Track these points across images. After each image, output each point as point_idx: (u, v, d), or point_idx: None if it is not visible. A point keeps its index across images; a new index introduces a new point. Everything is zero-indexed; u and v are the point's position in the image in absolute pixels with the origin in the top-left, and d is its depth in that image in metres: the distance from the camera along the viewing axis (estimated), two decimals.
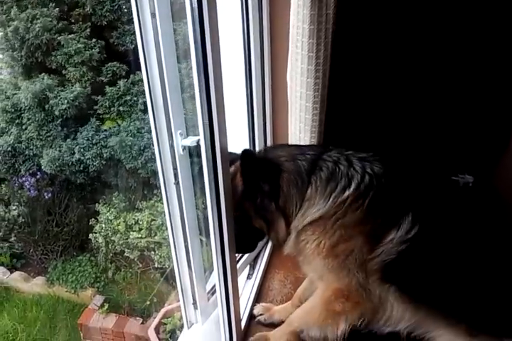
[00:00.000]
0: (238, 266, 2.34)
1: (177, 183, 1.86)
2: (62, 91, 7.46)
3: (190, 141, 1.78)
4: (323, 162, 1.84)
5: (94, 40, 7.65)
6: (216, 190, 1.63)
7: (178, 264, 2.11)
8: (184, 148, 1.80)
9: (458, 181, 2.69)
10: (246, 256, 2.70)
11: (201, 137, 1.55)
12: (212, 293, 2.29)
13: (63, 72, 7.69)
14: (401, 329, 1.94)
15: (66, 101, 7.31)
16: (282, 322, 2.24)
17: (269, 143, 2.72)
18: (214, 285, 2.11)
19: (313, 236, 1.82)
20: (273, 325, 2.28)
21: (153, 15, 1.52)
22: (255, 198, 1.87)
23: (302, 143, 2.32)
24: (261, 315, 2.37)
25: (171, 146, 1.78)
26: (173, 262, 2.12)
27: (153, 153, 1.90)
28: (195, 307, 2.23)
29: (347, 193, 1.75)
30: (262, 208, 1.87)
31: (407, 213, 1.74)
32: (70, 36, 7.50)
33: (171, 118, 1.72)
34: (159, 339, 6.00)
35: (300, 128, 2.30)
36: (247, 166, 1.83)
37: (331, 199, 1.77)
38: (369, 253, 1.77)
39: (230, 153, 1.75)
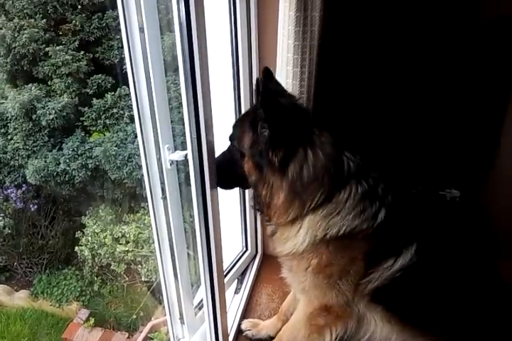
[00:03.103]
0: (226, 280, 2.33)
1: (164, 198, 1.85)
2: (49, 101, 7.43)
3: (178, 156, 1.77)
4: (366, 175, 1.73)
5: (82, 52, 7.65)
6: (204, 205, 1.63)
7: (165, 278, 2.09)
8: (172, 162, 1.79)
9: (445, 196, 2.70)
10: (234, 270, 2.69)
11: (189, 151, 1.54)
12: (200, 308, 2.26)
13: (49, 82, 7.68)
14: None
15: (54, 111, 7.28)
16: (270, 337, 2.25)
17: None
18: (201, 300, 2.09)
19: (318, 253, 1.73)
20: None
21: (141, 29, 1.52)
22: (259, 137, 1.63)
23: None
24: (249, 330, 2.35)
25: (159, 161, 1.77)
26: (160, 276, 2.10)
27: (137, 163, 1.89)
28: (182, 322, 2.21)
29: (372, 223, 1.68)
30: (259, 152, 1.64)
31: (412, 245, 1.72)
32: (58, 48, 7.49)
33: (158, 133, 1.72)
34: None
35: None
36: (268, 98, 1.57)
37: (358, 220, 1.67)
38: (363, 277, 1.76)
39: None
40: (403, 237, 1.74)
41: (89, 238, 7.49)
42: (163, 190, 1.83)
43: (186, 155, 1.66)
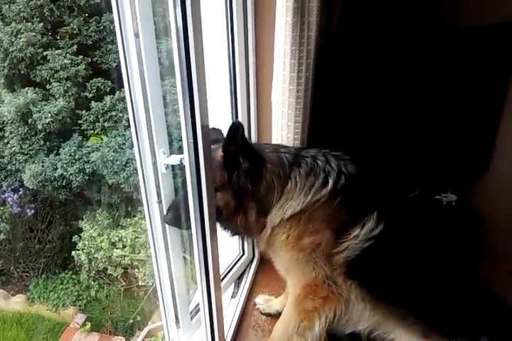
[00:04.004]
0: (222, 284, 2.33)
1: (160, 202, 1.85)
2: (45, 105, 7.42)
3: (173, 160, 1.78)
4: (302, 158, 1.92)
5: (80, 56, 7.65)
6: (200, 208, 1.63)
7: (161, 282, 2.09)
8: (167, 166, 1.80)
9: (441, 200, 2.71)
10: (231, 274, 2.69)
11: (185, 155, 1.55)
12: (196, 312, 2.26)
13: (47, 86, 7.67)
14: (361, 330, 2.03)
15: (50, 115, 7.27)
16: (278, 312, 2.38)
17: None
18: (198, 304, 2.08)
19: (285, 229, 1.88)
20: (269, 315, 2.51)
21: (136, 35, 1.54)
22: (232, 171, 1.84)
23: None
24: (261, 304, 2.55)
25: (154, 165, 1.78)
26: (156, 280, 2.10)
27: (135, 168, 1.91)
28: (178, 327, 2.20)
29: (324, 191, 1.84)
30: (238, 185, 1.85)
31: (372, 212, 1.84)
32: (56, 52, 7.49)
33: (154, 137, 1.73)
34: None
35: (282, 125, 2.32)
36: (235, 137, 1.79)
37: (310, 195, 1.84)
38: (334, 247, 1.85)
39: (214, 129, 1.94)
40: (362, 204, 1.87)
41: (86, 242, 7.47)
42: (158, 194, 1.84)
43: (182, 160, 1.71)
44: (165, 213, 1.88)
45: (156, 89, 1.68)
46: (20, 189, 7.85)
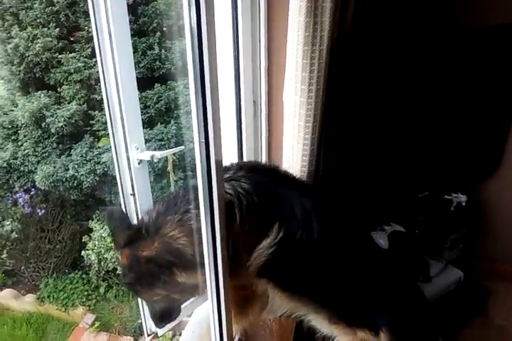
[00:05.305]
0: None
1: (133, 194, 1.95)
2: (58, 109, 7.47)
3: (145, 155, 1.89)
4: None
5: (94, 59, 7.68)
6: (211, 210, 1.63)
7: None
8: (140, 161, 1.90)
9: (451, 200, 2.69)
10: None
11: (197, 155, 1.55)
12: None
13: (58, 89, 7.71)
14: (283, 314, 2.24)
15: (63, 119, 7.32)
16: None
17: (264, 158, 2.72)
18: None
19: None
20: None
21: (110, 34, 1.61)
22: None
23: (294, 161, 2.36)
24: None
25: (128, 159, 1.90)
26: None
27: None
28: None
29: (237, 222, 1.85)
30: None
31: (274, 223, 1.89)
32: (70, 55, 7.53)
33: (126, 133, 1.84)
34: None
35: (294, 124, 2.33)
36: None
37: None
38: (248, 261, 1.95)
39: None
40: (265, 220, 1.91)
41: (96, 242, 7.49)
42: (132, 186, 1.94)
43: (152, 156, 1.87)
44: None
45: (130, 89, 1.74)
46: (32, 189, 7.91)
